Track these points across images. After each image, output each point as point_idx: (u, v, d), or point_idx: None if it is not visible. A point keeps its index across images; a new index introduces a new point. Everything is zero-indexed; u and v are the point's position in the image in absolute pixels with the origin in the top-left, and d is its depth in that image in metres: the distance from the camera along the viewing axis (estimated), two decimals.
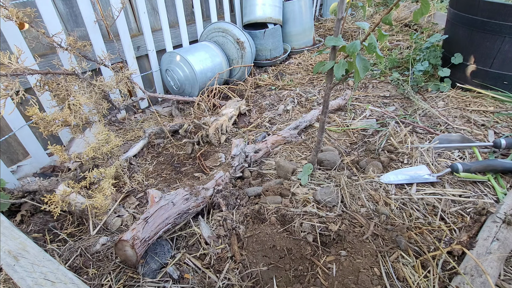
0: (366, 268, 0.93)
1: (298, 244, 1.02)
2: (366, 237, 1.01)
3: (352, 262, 0.95)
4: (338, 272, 0.93)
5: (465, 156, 1.37)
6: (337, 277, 0.92)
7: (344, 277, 0.91)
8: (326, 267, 0.95)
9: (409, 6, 3.39)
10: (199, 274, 0.97)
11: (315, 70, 1.00)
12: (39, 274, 0.78)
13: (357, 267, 0.93)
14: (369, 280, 0.89)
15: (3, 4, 1.19)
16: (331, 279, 0.92)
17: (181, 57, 2.03)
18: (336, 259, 0.97)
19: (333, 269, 0.94)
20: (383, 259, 0.96)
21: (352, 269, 0.93)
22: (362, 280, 0.89)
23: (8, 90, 1.06)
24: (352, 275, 0.91)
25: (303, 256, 0.99)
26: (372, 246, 0.99)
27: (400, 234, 1.02)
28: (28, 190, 1.27)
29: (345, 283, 0.90)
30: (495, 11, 1.62)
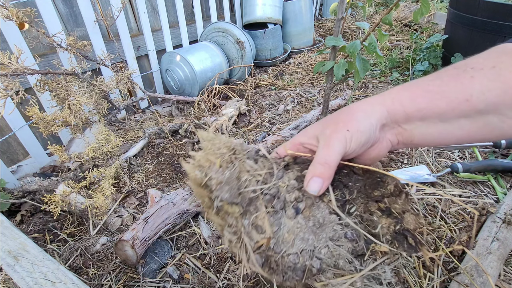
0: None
1: None
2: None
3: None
4: None
5: (465, 156, 1.37)
6: None
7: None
8: None
9: (409, 6, 3.39)
10: (199, 274, 0.97)
11: (315, 70, 1.01)
12: (39, 274, 0.78)
13: None
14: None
15: (3, 4, 1.19)
16: None
17: (181, 57, 2.03)
18: None
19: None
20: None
21: None
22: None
23: (8, 90, 1.06)
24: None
25: None
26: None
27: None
28: (28, 190, 1.27)
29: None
30: (495, 11, 1.62)
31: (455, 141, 0.38)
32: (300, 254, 0.33)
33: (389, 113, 0.37)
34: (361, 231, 0.34)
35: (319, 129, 0.39)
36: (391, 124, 0.38)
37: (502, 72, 0.32)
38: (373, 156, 0.40)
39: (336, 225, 0.34)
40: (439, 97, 0.34)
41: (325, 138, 0.37)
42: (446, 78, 0.35)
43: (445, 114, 0.35)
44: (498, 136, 0.35)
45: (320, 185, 0.35)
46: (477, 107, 0.33)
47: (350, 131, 0.35)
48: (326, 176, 0.35)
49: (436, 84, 0.35)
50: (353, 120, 0.36)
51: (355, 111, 0.37)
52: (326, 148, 0.36)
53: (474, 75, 0.33)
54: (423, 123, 0.36)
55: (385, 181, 0.38)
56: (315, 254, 0.33)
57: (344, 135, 0.35)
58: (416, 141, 0.38)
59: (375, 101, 0.38)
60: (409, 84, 0.38)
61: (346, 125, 0.36)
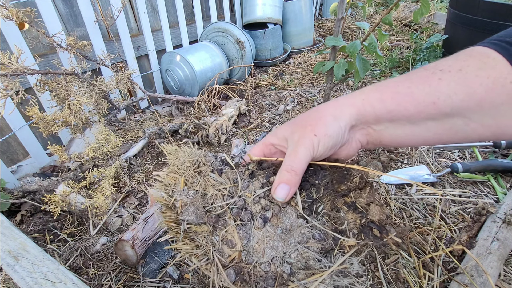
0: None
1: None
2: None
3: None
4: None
5: (465, 156, 1.37)
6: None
7: None
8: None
9: (409, 6, 3.39)
10: (199, 274, 0.97)
11: (315, 70, 1.01)
12: (39, 274, 0.78)
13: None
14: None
15: (3, 4, 1.19)
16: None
17: (181, 57, 2.03)
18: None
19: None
20: (383, 260, 0.96)
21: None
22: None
23: (8, 90, 1.06)
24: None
25: None
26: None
27: (402, 235, 1.02)
28: (28, 190, 1.27)
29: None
30: (495, 11, 1.62)
31: (422, 143, 0.38)
32: (271, 261, 0.33)
33: (358, 114, 0.37)
34: (328, 230, 0.35)
35: (288, 131, 0.39)
36: (361, 125, 0.39)
37: (467, 76, 0.32)
38: (343, 156, 0.41)
39: (303, 228, 0.35)
40: (408, 99, 0.34)
41: (292, 144, 0.37)
42: (416, 79, 0.35)
43: (413, 116, 0.35)
44: (462, 139, 0.36)
45: (287, 192, 0.35)
46: (443, 110, 0.33)
47: (317, 136, 0.36)
48: (292, 183, 0.35)
49: (406, 86, 0.35)
50: (321, 124, 0.36)
51: (324, 115, 0.37)
52: (293, 155, 0.36)
53: (442, 77, 0.33)
54: (392, 124, 0.37)
55: (351, 174, 0.38)
56: (285, 259, 0.34)
57: (311, 141, 0.35)
58: (384, 142, 0.39)
59: (344, 102, 0.38)
60: (380, 85, 0.38)
61: (314, 129, 0.36)
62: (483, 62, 0.32)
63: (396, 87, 0.36)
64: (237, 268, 0.34)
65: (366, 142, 0.40)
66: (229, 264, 0.34)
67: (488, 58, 0.32)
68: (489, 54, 0.32)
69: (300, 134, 0.37)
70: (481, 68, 0.32)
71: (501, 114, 0.32)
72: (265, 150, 0.42)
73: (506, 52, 0.31)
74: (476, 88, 0.31)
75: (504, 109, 0.31)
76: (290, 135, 0.38)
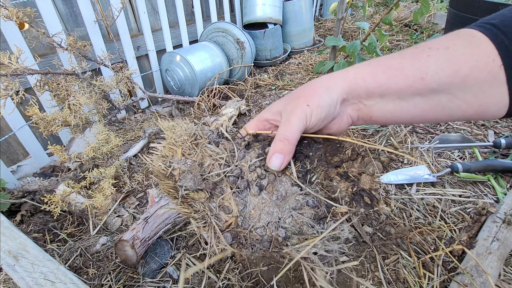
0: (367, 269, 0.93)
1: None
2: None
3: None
4: (338, 272, 0.93)
5: (465, 156, 1.37)
6: (338, 279, 0.92)
7: (346, 279, 0.91)
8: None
9: (409, 6, 3.39)
10: (199, 274, 0.97)
11: (315, 70, 1.00)
12: (39, 274, 0.78)
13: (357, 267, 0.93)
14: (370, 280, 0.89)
15: (3, 4, 1.19)
16: (331, 280, 0.92)
17: (181, 57, 2.03)
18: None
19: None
20: (383, 261, 0.96)
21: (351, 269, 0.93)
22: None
23: (8, 90, 1.06)
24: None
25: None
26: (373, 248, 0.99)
27: (402, 235, 1.02)
28: (28, 190, 1.27)
29: (346, 285, 0.90)
30: (495, 11, 1.61)
31: (410, 119, 0.40)
32: (266, 226, 0.35)
33: (350, 88, 0.38)
34: (321, 197, 0.36)
35: (282, 104, 0.40)
36: (352, 100, 0.40)
37: (454, 53, 0.34)
38: (334, 131, 0.42)
39: (298, 195, 0.37)
40: (398, 73, 0.36)
41: (286, 114, 0.38)
42: (407, 56, 0.37)
43: (402, 91, 0.36)
44: (447, 116, 0.37)
45: (281, 161, 0.36)
46: (430, 85, 0.35)
47: (310, 106, 0.37)
48: (286, 151, 0.36)
49: (397, 61, 0.37)
50: (314, 95, 0.37)
51: (317, 86, 0.39)
52: (287, 125, 0.37)
53: (430, 54, 0.35)
54: (382, 99, 0.38)
55: (343, 146, 0.40)
56: (280, 225, 0.35)
57: (304, 111, 0.36)
58: (374, 117, 0.40)
59: (337, 76, 0.39)
60: (373, 60, 0.39)
61: (307, 100, 0.37)
62: (469, 41, 0.34)
63: (388, 63, 0.37)
64: (233, 232, 0.36)
65: (356, 118, 0.42)
66: (225, 229, 0.36)
67: (473, 37, 0.34)
68: (474, 34, 0.34)
69: (293, 105, 0.38)
70: (467, 46, 0.33)
71: (483, 92, 0.33)
72: (260, 126, 0.43)
73: (489, 33, 0.33)
74: (461, 65, 0.33)
75: (486, 87, 0.33)
76: (283, 108, 0.40)
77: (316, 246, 0.34)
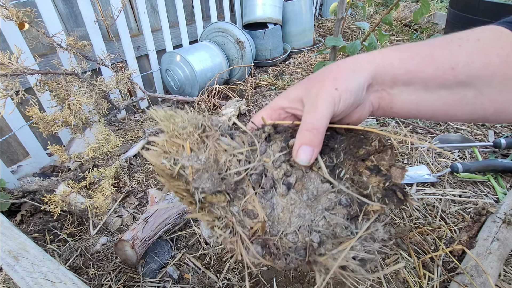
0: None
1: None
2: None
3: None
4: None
5: (465, 156, 1.37)
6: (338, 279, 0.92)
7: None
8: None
9: (409, 6, 3.39)
10: (199, 274, 0.97)
11: (315, 70, 1.00)
12: (39, 274, 0.78)
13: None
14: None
15: (3, 4, 1.19)
16: (331, 280, 0.92)
17: (181, 57, 2.03)
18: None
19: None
20: (383, 261, 0.96)
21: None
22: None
23: (8, 90, 1.06)
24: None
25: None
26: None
27: (402, 235, 1.02)
28: (28, 190, 1.27)
29: (346, 285, 0.90)
30: (495, 11, 1.62)
31: (431, 114, 0.38)
32: (298, 231, 0.31)
33: (377, 72, 0.35)
34: (354, 195, 0.32)
35: (303, 90, 0.36)
36: (376, 86, 0.37)
37: (485, 46, 0.33)
38: (354, 120, 0.38)
39: (329, 193, 0.33)
40: (428, 61, 0.34)
41: (311, 100, 0.33)
42: (437, 44, 0.35)
43: (429, 81, 0.34)
44: (468, 114, 0.36)
45: (310, 154, 0.32)
46: (459, 77, 0.33)
47: (338, 90, 0.33)
48: (315, 143, 0.32)
49: (426, 48, 0.35)
50: (342, 78, 0.34)
51: (343, 69, 0.35)
52: (313, 111, 0.32)
53: (462, 44, 0.33)
54: (407, 88, 0.36)
55: (368, 137, 0.35)
56: (313, 228, 0.31)
57: (331, 95, 0.32)
58: (395, 108, 0.38)
59: (363, 59, 0.36)
60: (400, 46, 0.37)
61: (334, 83, 0.33)
62: (498, 35, 0.33)
63: (417, 49, 0.35)
64: (261, 241, 0.31)
65: (377, 107, 0.38)
66: (251, 237, 0.31)
67: (502, 33, 0.33)
68: (502, 30, 0.33)
69: (318, 88, 0.33)
70: (497, 40, 0.32)
71: (508, 90, 0.32)
72: (274, 116, 0.37)
73: None
74: (492, 58, 0.32)
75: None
76: (306, 93, 0.35)
77: (355, 248, 0.30)
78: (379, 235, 0.31)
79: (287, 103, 0.37)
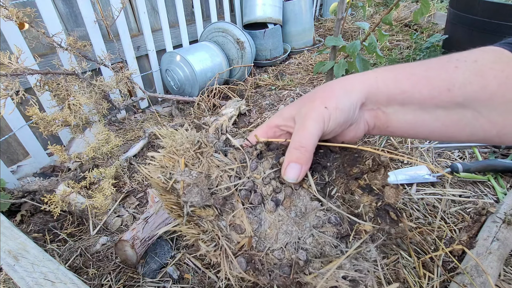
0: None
1: None
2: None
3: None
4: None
5: (465, 156, 1.37)
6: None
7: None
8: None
9: (409, 6, 3.39)
10: (199, 274, 0.97)
11: (315, 70, 1.00)
12: (39, 274, 0.78)
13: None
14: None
15: (3, 4, 1.19)
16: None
17: (181, 57, 2.03)
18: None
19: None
20: (383, 261, 0.96)
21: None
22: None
23: (8, 90, 1.06)
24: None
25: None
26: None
27: (402, 235, 1.02)
28: (28, 190, 1.27)
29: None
30: (495, 11, 1.62)
31: (428, 134, 0.37)
32: (285, 248, 0.31)
33: (370, 92, 0.35)
34: (344, 214, 0.33)
35: (296, 108, 0.36)
36: (371, 105, 0.37)
37: (482, 68, 0.32)
38: (349, 138, 0.38)
39: (318, 211, 0.33)
40: (424, 82, 0.34)
41: (300, 118, 0.34)
42: (432, 65, 0.35)
43: (425, 101, 0.34)
44: (468, 135, 0.35)
45: (298, 172, 0.33)
46: (456, 99, 0.33)
47: (328, 108, 0.33)
48: (303, 161, 0.33)
49: (422, 69, 0.35)
50: (332, 97, 0.34)
51: (334, 88, 0.35)
52: (302, 130, 0.33)
53: (458, 65, 0.33)
54: (402, 108, 0.35)
55: (362, 156, 0.36)
56: (300, 246, 0.31)
57: (321, 114, 0.33)
58: (391, 127, 0.37)
59: (356, 78, 0.36)
60: (394, 67, 0.36)
61: (324, 102, 0.34)
62: (498, 57, 0.32)
63: (412, 69, 0.35)
64: (247, 256, 0.31)
65: (373, 126, 0.38)
66: (238, 251, 0.32)
67: (502, 54, 0.32)
68: (503, 52, 0.33)
69: (308, 107, 0.34)
70: (496, 62, 0.32)
71: (509, 111, 0.31)
72: (269, 133, 0.38)
73: None
74: (490, 80, 0.31)
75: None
76: (297, 112, 0.36)
77: (344, 267, 0.30)
78: (372, 256, 0.31)
79: (281, 121, 0.38)
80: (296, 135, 0.33)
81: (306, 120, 0.33)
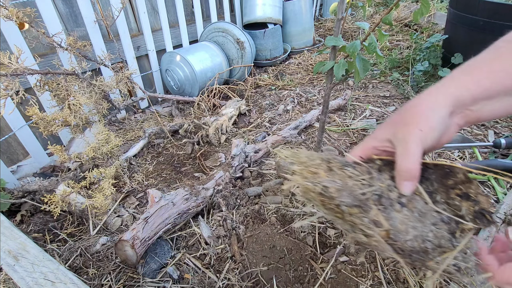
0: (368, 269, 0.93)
1: (298, 244, 1.02)
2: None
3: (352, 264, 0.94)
4: (339, 273, 0.93)
5: (465, 156, 1.37)
6: (338, 279, 0.92)
7: (346, 279, 0.91)
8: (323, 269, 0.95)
9: (409, 6, 3.39)
10: (199, 274, 0.97)
11: (315, 70, 1.00)
12: (39, 274, 0.78)
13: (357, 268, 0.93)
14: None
15: (3, 4, 1.19)
16: (332, 280, 0.92)
17: (181, 57, 2.03)
18: (336, 261, 0.97)
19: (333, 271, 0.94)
20: (383, 261, 0.96)
21: (351, 270, 0.93)
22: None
23: (8, 90, 1.06)
24: (352, 278, 0.91)
25: (303, 257, 0.99)
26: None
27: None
28: (28, 190, 1.27)
29: (346, 285, 0.90)
30: (495, 11, 1.62)
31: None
32: (415, 239, 0.39)
33: (455, 101, 0.39)
34: (452, 216, 0.41)
35: (389, 132, 0.42)
36: (458, 110, 0.40)
37: None
38: (443, 142, 0.42)
39: (433, 212, 0.41)
40: (503, 75, 0.37)
41: (401, 144, 0.39)
42: (502, 56, 0.38)
43: (510, 90, 0.37)
44: None
45: (411, 187, 0.40)
46: None
47: (423, 131, 0.38)
48: (414, 179, 0.40)
49: (497, 64, 0.38)
50: (422, 118, 0.38)
51: (421, 108, 0.39)
52: (406, 155, 0.39)
53: None
54: (489, 101, 0.38)
55: (454, 171, 0.43)
56: (425, 238, 0.39)
57: (419, 137, 0.38)
58: (483, 118, 0.41)
59: (438, 91, 0.40)
60: (469, 67, 0.40)
61: (417, 125, 0.38)
62: None
63: (487, 67, 0.38)
64: (389, 244, 0.40)
65: (464, 123, 0.42)
66: (383, 239, 0.40)
67: None
68: None
69: (404, 132, 0.39)
70: None
71: None
72: (368, 153, 0.45)
73: None
74: None
75: None
76: (393, 137, 0.41)
77: (456, 258, 0.39)
78: (473, 249, 0.41)
79: (378, 143, 0.44)
80: (402, 160, 0.39)
81: (407, 144, 0.38)
